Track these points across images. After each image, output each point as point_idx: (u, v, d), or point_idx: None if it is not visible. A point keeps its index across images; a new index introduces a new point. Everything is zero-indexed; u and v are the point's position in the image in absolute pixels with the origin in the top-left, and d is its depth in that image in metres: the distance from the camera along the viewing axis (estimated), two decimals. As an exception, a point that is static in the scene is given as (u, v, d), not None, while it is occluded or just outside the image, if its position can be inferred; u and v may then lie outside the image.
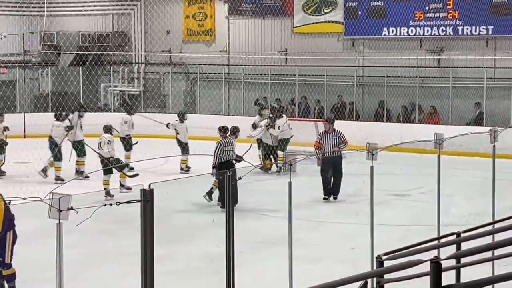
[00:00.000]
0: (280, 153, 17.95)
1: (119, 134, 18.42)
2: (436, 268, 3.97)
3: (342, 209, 14.08)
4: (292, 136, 18.67)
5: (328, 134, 14.74)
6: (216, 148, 13.96)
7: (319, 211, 13.86)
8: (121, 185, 15.47)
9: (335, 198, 14.68)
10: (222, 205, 13.58)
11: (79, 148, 17.42)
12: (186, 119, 18.57)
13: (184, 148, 18.37)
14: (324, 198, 14.64)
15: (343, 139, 14.71)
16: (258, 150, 18.35)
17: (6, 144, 17.60)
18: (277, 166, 17.96)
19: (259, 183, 16.45)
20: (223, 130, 14.49)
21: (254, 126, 18.54)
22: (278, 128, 18.13)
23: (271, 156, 18.17)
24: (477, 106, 22.52)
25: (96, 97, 28.15)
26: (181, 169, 18.21)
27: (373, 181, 8.31)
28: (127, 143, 18.54)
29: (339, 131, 14.84)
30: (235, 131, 14.71)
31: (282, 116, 18.62)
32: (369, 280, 5.62)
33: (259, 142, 18.40)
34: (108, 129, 15.93)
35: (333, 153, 14.46)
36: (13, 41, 28.15)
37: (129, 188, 15.26)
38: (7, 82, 27.27)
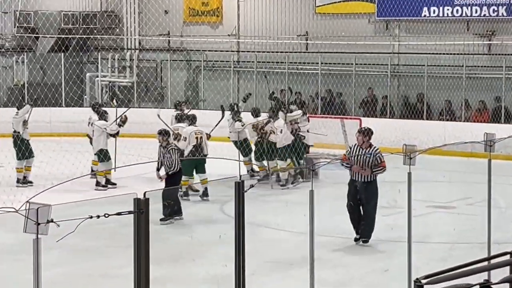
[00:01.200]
0: (281, 162, 17.45)
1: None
2: (487, 294, 3.95)
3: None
4: (293, 139, 18.46)
5: (361, 150, 13.07)
6: (176, 153, 14.48)
7: (345, 226, 13.79)
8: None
9: (365, 242, 12.73)
10: (164, 218, 13.77)
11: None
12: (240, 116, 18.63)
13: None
14: (355, 239, 12.83)
15: (379, 161, 12.78)
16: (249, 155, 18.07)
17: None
18: (280, 178, 17.48)
19: (274, 192, 16.42)
20: (166, 133, 14.97)
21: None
22: (281, 132, 17.68)
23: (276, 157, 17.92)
24: (496, 100, 22.54)
25: (81, 89, 28.23)
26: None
27: (411, 190, 8.29)
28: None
29: (376, 149, 13.01)
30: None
31: (278, 118, 18.16)
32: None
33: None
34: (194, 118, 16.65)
35: (362, 176, 12.76)
36: (-18, 23, 28.32)
37: (196, 190, 15.82)
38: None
